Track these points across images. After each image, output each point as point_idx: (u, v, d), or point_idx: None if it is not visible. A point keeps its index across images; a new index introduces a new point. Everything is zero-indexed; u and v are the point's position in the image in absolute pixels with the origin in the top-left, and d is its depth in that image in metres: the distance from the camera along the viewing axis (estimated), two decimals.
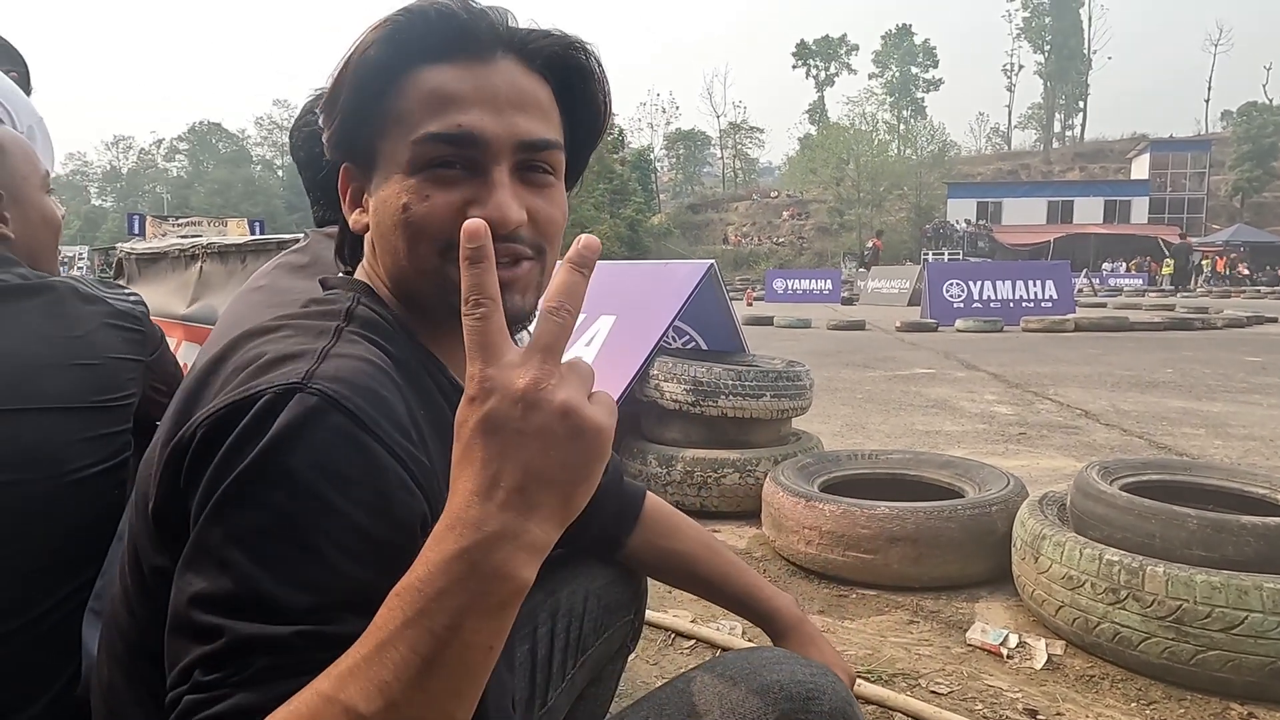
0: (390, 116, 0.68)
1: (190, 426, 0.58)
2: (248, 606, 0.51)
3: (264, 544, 0.52)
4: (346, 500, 0.54)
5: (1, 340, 0.97)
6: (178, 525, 0.58)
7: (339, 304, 0.70)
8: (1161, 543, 1.84)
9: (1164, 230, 39.59)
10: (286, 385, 0.56)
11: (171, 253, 3.08)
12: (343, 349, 0.62)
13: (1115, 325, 12.33)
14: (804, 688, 0.70)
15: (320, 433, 0.54)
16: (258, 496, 0.53)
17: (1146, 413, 5.17)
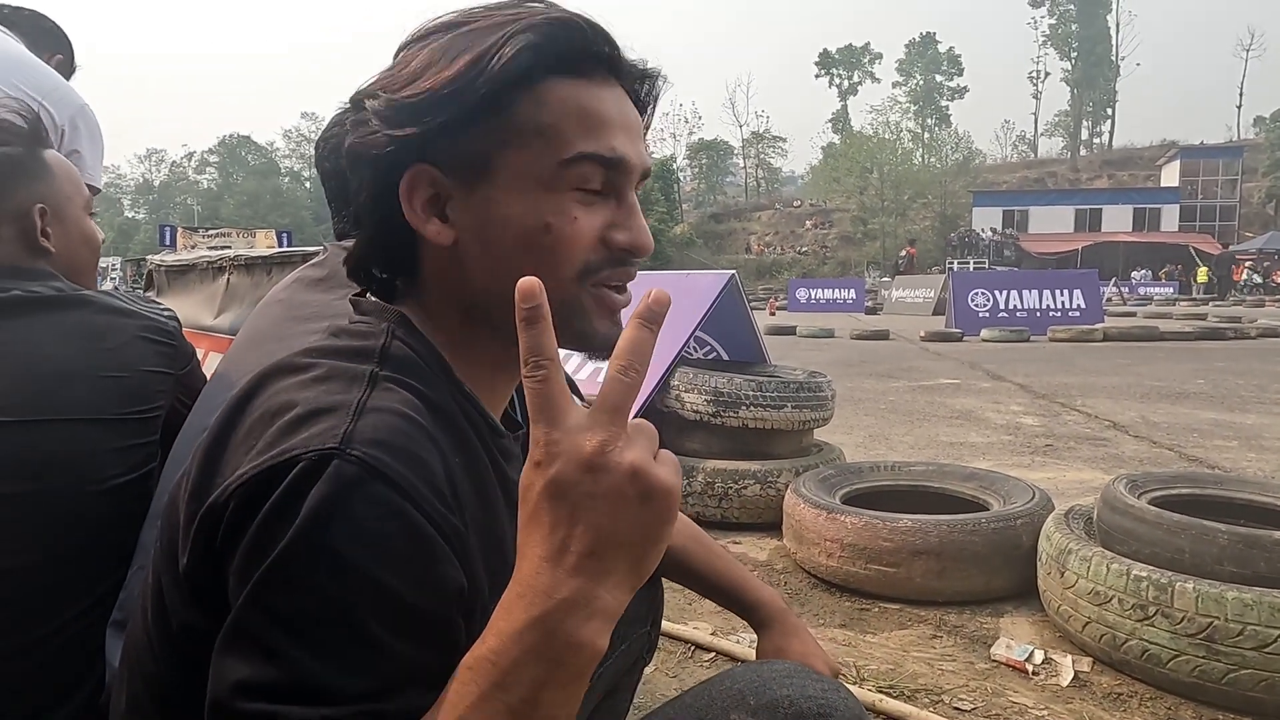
0: (529, 127, 0.64)
1: (222, 493, 0.56)
2: (300, 694, 0.50)
3: (310, 629, 0.51)
4: (392, 576, 0.52)
5: (35, 350, 0.99)
6: (210, 587, 0.57)
7: (372, 339, 0.66)
8: (1191, 558, 1.81)
9: (1195, 238, 38.98)
10: (322, 451, 0.53)
11: (199, 264, 3.13)
12: (378, 400, 0.59)
13: (1145, 335, 12.13)
14: (815, 704, 0.68)
15: (361, 506, 0.52)
16: (300, 579, 0.51)
17: (1177, 424, 5.08)
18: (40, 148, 1.14)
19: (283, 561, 0.51)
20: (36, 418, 0.96)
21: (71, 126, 1.82)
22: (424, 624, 0.53)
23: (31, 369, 0.98)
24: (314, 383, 0.61)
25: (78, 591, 0.97)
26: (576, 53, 0.65)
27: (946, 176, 49.85)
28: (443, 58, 0.63)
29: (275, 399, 0.61)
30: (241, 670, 0.50)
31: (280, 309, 1.13)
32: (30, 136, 1.13)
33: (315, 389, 0.60)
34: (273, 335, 1.09)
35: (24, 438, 0.95)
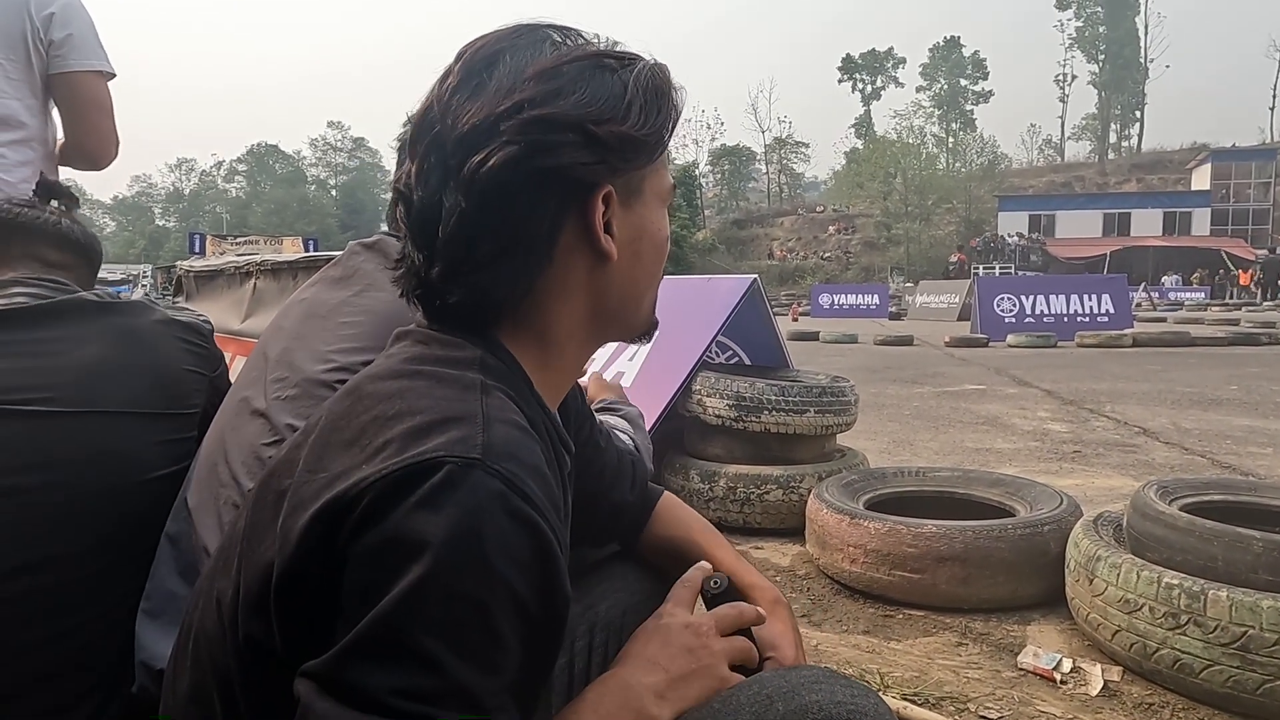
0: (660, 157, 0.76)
1: (350, 489, 0.57)
2: (455, 699, 0.53)
3: (463, 636, 0.53)
4: (525, 588, 0.56)
5: (79, 349, 1.04)
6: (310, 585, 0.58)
7: (466, 350, 0.69)
8: (1225, 566, 1.77)
9: (1227, 242, 38.30)
10: (466, 459, 0.56)
11: (227, 270, 3.18)
12: (497, 411, 0.62)
13: (1176, 340, 11.93)
14: (843, 709, 0.67)
15: (505, 519, 0.56)
16: (456, 586, 0.54)
17: (1209, 431, 4.98)
18: None
19: (438, 570, 0.53)
20: (81, 409, 1.00)
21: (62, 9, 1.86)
22: (540, 634, 0.58)
23: (76, 364, 1.03)
24: (426, 388, 0.64)
25: (114, 581, 0.99)
26: None
27: (971, 181, 49.42)
28: (651, 98, 0.72)
29: (387, 404, 0.63)
30: (395, 677, 0.52)
31: (301, 309, 1.15)
32: None
33: (430, 394, 0.63)
34: (293, 333, 1.10)
35: (69, 428, 0.98)
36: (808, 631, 2.15)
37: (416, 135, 0.70)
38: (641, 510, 1.12)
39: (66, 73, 1.87)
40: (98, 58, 1.91)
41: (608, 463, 1.05)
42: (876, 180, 48.04)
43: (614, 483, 1.06)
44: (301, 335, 1.09)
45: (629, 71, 0.71)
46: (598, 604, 1.10)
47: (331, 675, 0.53)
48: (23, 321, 1.04)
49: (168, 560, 0.98)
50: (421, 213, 0.69)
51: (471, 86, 0.68)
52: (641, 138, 0.71)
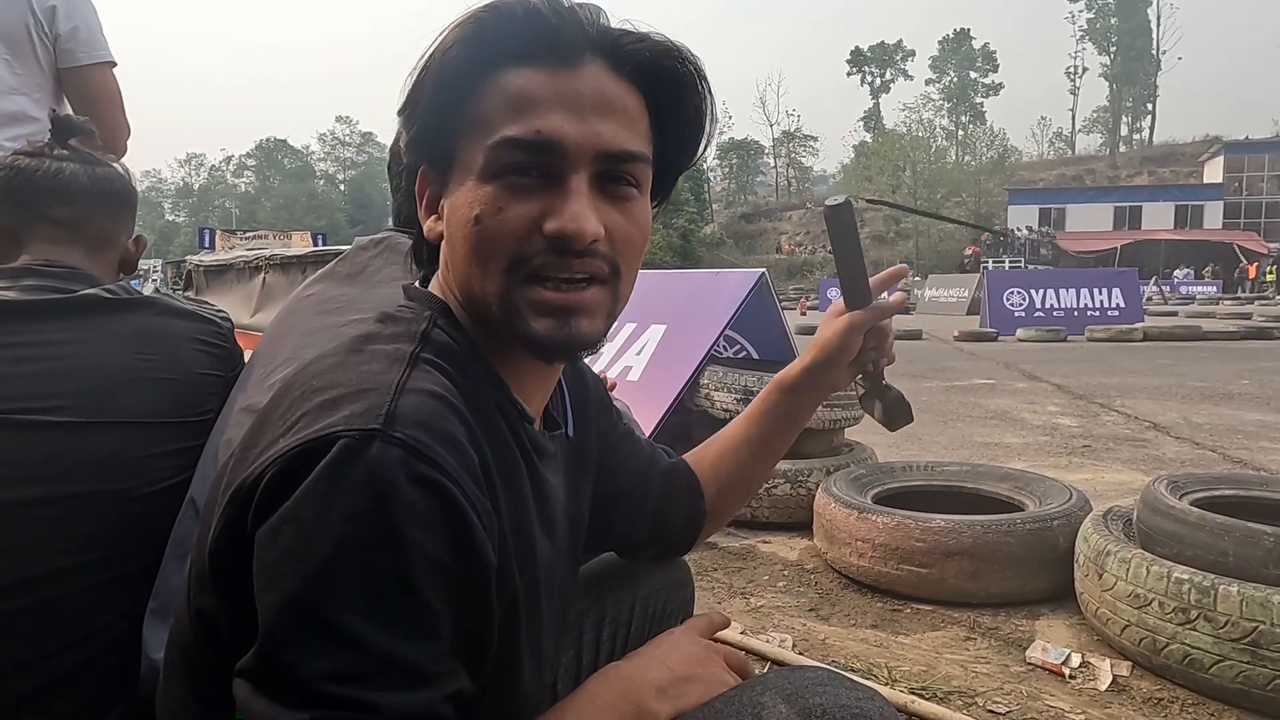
0: (469, 119, 0.65)
1: (255, 469, 0.56)
2: (390, 675, 0.51)
3: (385, 609, 0.52)
4: (441, 550, 0.54)
5: (93, 353, 1.02)
6: (233, 566, 0.57)
7: (414, 325, 0.67)
8: (1236, 561, 1.76)
9: (1240, 236, 38.01)
10: (365, 430, 0.54)
11: (237, 264, 3.19)
12: (416, 382, 0.60)
13: (1187, 334, 11.86)
14: (848, 712, 0.67)
15: (411, 486, 0.53)
16: (369, 560, 0.52)
17: (1221, 425, 4.95)
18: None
19: (345, 544, 0.51)
20: (94, 420, 0.98)
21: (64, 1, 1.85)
22: (466, 594, 0.55)
23: (90, 372, 1.00)
24: (356, 363, 0.63)
25: (126, 590, 0.99)
26: (516, 39, 0.64)
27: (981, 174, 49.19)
28: (419, 60, 0.66)
29: (318, 378, 0.62)
30: (322, 660, 0.50)
31: (309, 304, 1.15)
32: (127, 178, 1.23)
33: (357, 369, 0.62)
34: (300, 329, 1.10)
35: (78, 440, 0.97)
36: (815, 626, 2.15)
37: None
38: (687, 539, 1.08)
39: (77, 67, 1.87)
40: (103, 48, 1.91)
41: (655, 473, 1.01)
42: (885, 174, 47.83)
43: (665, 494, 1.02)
44: (313, 331, 1.08)
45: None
46: (605, 597, 1.10)
47: (260, 670, 0.52)
48: (33, 317, 1.01)
49: (175, 560, 0.98)
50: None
51: None
52: (409, 102, 0.68)
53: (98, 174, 1.15)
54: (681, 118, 0.71)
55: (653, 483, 1.01)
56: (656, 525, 1.02)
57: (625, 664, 0.75)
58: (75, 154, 1.16)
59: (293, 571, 0.51)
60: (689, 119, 0.71)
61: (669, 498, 1.02)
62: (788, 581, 2.47)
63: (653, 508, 1.01)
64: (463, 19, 0.65)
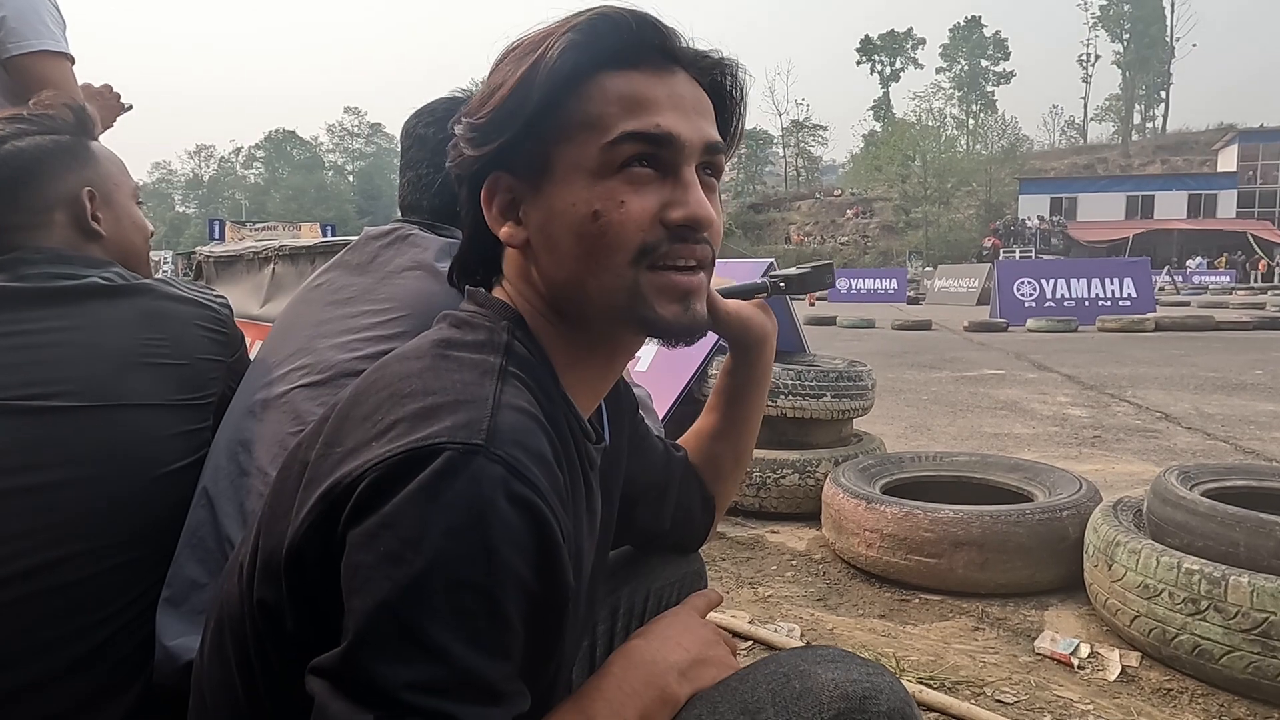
0: (576, 121, 0.67)
1: (355, 470, 0.57)
2: (469, 690, 0.53)
3: (473, 625, 0.53)
4: (531, 574, 0.56)
5: (95, 337, 1.02)
6: (313, 563, 0.58)
7: (495, 335, 0.69)
8: (1247, 552, 1.75)
9: (1254, 225, 37.67)
10: (468, 445, 0.56)
11: (246, 255, 3.20)
12: (510, 397, 0.62)
13: (1200, 325, 11.79)
14: (860, 687, 0.68)
15: (508, 505, 0.55)
16: (457, 575, 0.53)
17: (1233, 416, 4.92)
18: (87, 137, 1.18)
19: (441, 559, 0.53)
20: (98, 403, 0.98)
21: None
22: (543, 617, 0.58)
23: (92, 356, 1.00)
24: (445, 370, 0.64)
25: (137, 575, 0.99)
26: (623, 46, 0.68)
27: (992, 163, 48.87)
28: (507, 77, 0.68)
29: (405, 383, 0.63)
30: (407, 669, 0.52)
31: (319, 294, 1.15)
32: (77, 127, 1.16)
33: (449, 377, 0.63)
34: (311, 319, 1.10)
35: (86, 424, 0.97)
36: (824, 616, 2.15)
37: None
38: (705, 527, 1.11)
39: (9, 58, 1.84)
40: (36, 37, 1.85)
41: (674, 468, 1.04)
42: (895, 163, 47.59)
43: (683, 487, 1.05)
44: (325, 322, 1.08)
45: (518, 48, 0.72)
46: (620, 589, 1.10)
47: (342, 672, 0.53)
48: (34, 304, 1.01)
49: (188, 549, 0.98)
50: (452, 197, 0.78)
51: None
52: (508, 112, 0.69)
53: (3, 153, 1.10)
54: (728, 126, 0.77)
55: (672, 478, 1.03)
56: (678, 518, 1.05)
57: (645, 645, 0.76)
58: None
59: (388, 578, 0.53)
60: (733, 128, 0.78)
61: (687, 489, 1.05)
62: (796, 571, 2.47)
63: (673, 502, 1.03)
64: (571, 26, 0.67)
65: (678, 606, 0.85)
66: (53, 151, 1.12)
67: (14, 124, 1.11)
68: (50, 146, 1.12)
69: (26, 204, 1.11)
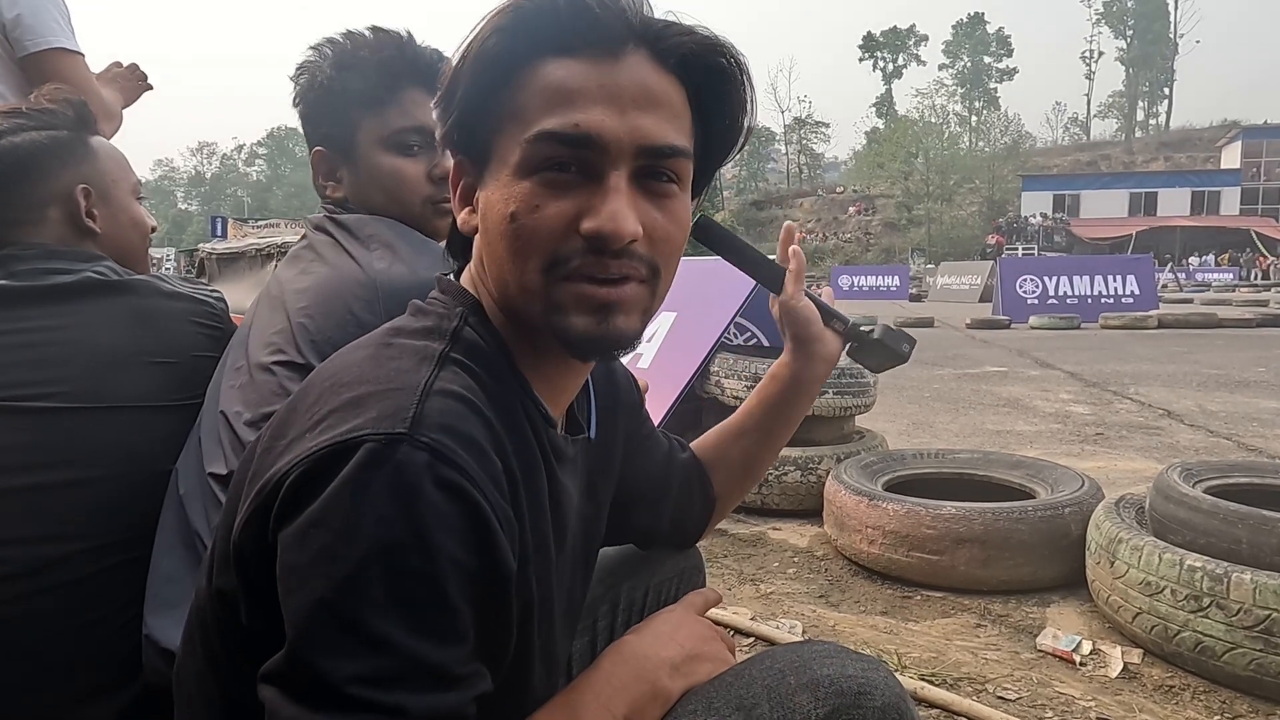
0: (507, 111, 0.63)
1: (285, 466, 0.56)
2: (419, 678, 0.52)
3: (414, 612, 0.52)
4: (465, 554, 0.54)
5: (87, 337, 1.01)
6: (251, 558, 0.58)
7: (445, 321, 0.67)
8: (1249, 549, 1.75)
9: (1258, 222, 37.58)
10: (391, 435, 0.54)
11: (249, 252, 3.21)
12: (443, 383, 0.60)
13: (1203, 322, 11.75)
14: (855, 682, 0.68)
15: (436, 491, 0.54)
16: (393, 564, 0.52)
17: (1236, 413, 4.92)
18: (85, 132, 1.17)
19: (375, 549, 0.52)
20: (89, 405, 0.98)
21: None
22: (487, 596, 0.57)
23: (83, 356, 1.00)
24: (385, 358, 0.63)
25: (131, 575, 0.99)
26: (555, 30, 0.62)
27: (995, 161, 48.78)
28: (457, 50, 0.65)
29: (345, 372, 0.62)
30: (351, 663, 0.51)
31: (264, 293, 1.16)
32: (75, 121, 1.15)
33: (386, 365, 0.62)
34: (252, 318, 1.11)
35: (79, 425, 0.97)
36: (825, 612, 2.15)
37: None
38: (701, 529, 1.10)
39: (27, 55, 1.85)
40: (51, 35, 1.84)
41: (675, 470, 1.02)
42: (897, 160, 47.49)
43: (682, 489, 1.03)
44: (257, 321, 1.09)
45: None
46: (619, 583, 1.10)
47: (288, 674, 0.52)
48: (27, 303, 1.01)
49: (164, 544, 0.98)
50: None
51: None
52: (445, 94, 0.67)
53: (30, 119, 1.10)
54: (723, 112, 0.69)
55: (672, 479, 1.02)
56: (676, 518, 1.04)
57: (637, 640, 0.75)
58: None
59: (323, 575, 0.52)
60: (731, 113, 0.69)
61: (687, 492, 1.04)
62: (798, 568, 2.47)
63: (672, 503, 1.02)
64: (502, 7, 0.63)
65: (675, 604, 0.85)
66: (48, 148, 1.11)
67: (11, 119, 1.10)
68: (46, 142, 1.11)
69: (19, 200, 1.10)
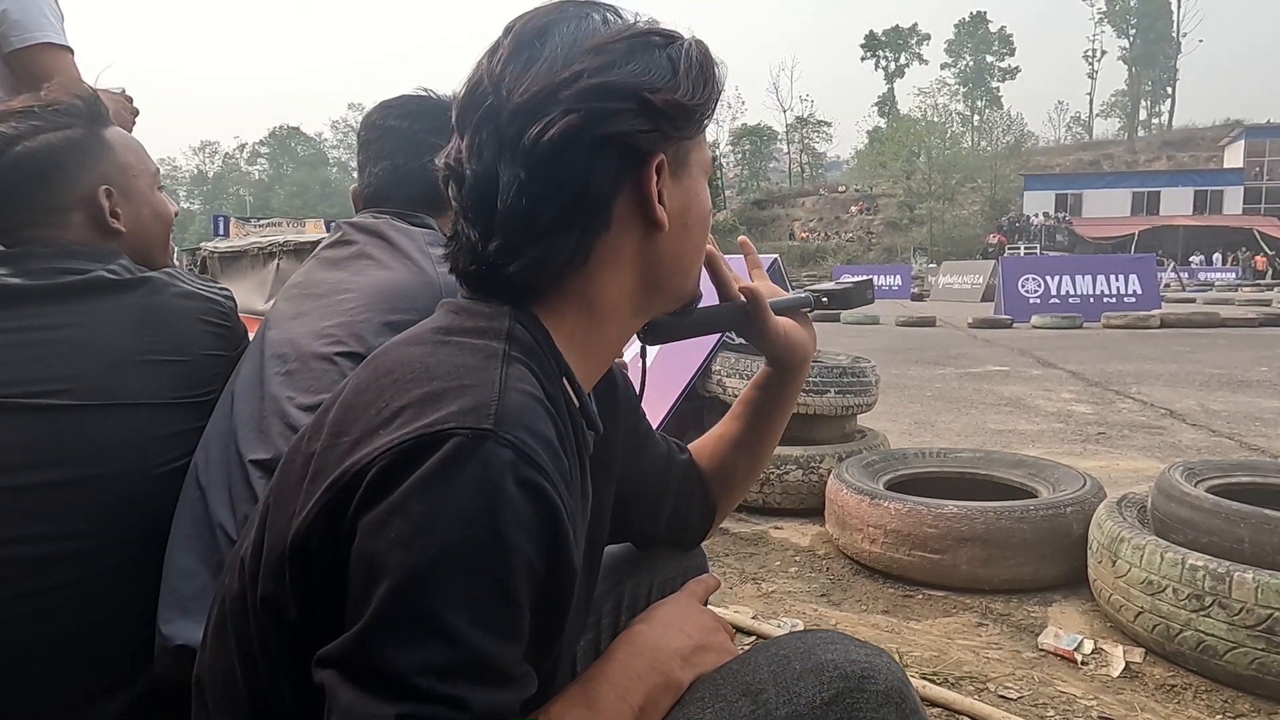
0: (703, 132, 0.77)
1: (363, 455, 0.57)
2: (483, 673, 0.53)
3: (485, 609, 0.54)
4: (540, 559, 0.56)
5: (95, 334, 1.01)
6: (319, 553, 0.58)
7: (496, 320, 0.68)
8: (1251, 548, 1.75)
9: (1261, 221, 37.47)
10: (477, 430, 0.56)
11: (251, 251, 3.21)
12: (515, 381, 0.62)
13: (1205, 321, 11.75)
14: (858, 667, 0.69)
15: (518, 489, 0.55)
16: (469, 560, 0.53)
17: (1238, 413, 4.91)
18: (100, 127, 1.14)
19: (453, 543, 0.53)
20: (98, 402, 0.98)
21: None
22: (550, 599, 0.59)
23: (92, 353, 1.00)
24: (447, 354, 0.64)
25: (140, 571, 0.99)
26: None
27: (997, 160, 48.70)
28: (698, 71, 0.72)
29: (406, 368, 0.63)
30: (419, 653, 0.52)
31: (296, 290, 1.15)
32: (89, 116, 1.13)
33: (451, 361, 0.63)
34: (290, 315, 1.11)
35: (87, 423, 0.97)
36: (827, 611, 2.15)
37: (466, 110, 0.69)
38: (702, 532, 1.11)
39: (11, 51, 1.83)
40: (38, 30, 1.83)
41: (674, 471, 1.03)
42: (899, 160, 47.39)
43: (681, 491, 1.04)
44: (300, 315, 1.09)
45: (676, 47, 0.72)
46: (623, 581, 1.11)
47: (352, 659, 0.53)
48: (36, 301, 1.01)
49: (180, 538, 0.98)
50: (476, 188, 0.68)
51: (524, 59, 0.67)
52: (692, 107, 0.71)
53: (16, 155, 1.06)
54: None
55: (671, 480, 1.03)
56: (675, 519, 1.04)
57: (648, 630, 0.76)
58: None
59: (399, 564, 0.53)
60: None
61: (686, 494, 1.05)
62: (799, 567, 2.48)
63: (671, 502, 1.03)
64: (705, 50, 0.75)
65: (677, 593, 0.85)
66: (66, 150, 1.09)
67: (26, 120, 1.08)
68: (63, 144, 1.09)
69: (43, 205, 1.08)
